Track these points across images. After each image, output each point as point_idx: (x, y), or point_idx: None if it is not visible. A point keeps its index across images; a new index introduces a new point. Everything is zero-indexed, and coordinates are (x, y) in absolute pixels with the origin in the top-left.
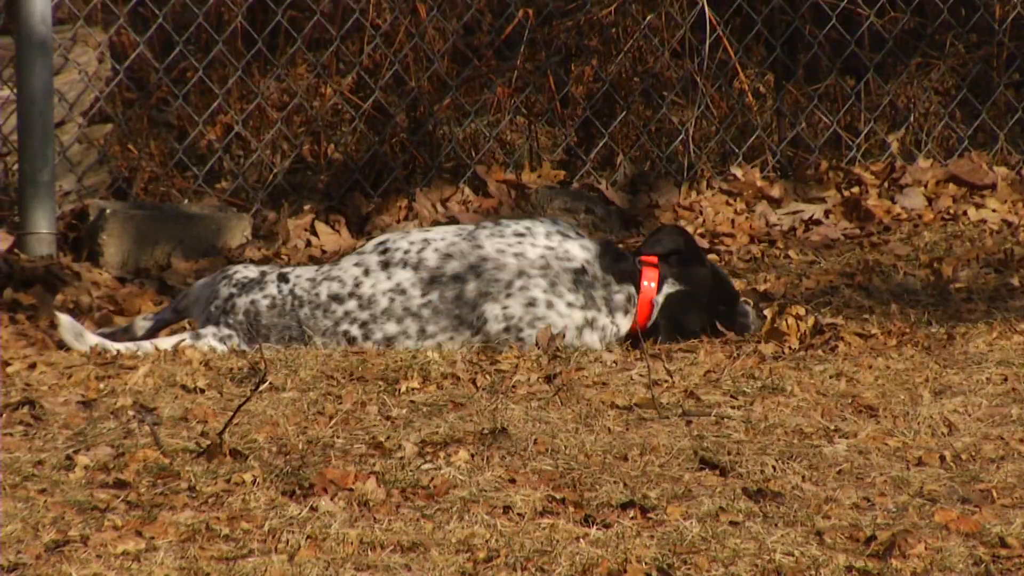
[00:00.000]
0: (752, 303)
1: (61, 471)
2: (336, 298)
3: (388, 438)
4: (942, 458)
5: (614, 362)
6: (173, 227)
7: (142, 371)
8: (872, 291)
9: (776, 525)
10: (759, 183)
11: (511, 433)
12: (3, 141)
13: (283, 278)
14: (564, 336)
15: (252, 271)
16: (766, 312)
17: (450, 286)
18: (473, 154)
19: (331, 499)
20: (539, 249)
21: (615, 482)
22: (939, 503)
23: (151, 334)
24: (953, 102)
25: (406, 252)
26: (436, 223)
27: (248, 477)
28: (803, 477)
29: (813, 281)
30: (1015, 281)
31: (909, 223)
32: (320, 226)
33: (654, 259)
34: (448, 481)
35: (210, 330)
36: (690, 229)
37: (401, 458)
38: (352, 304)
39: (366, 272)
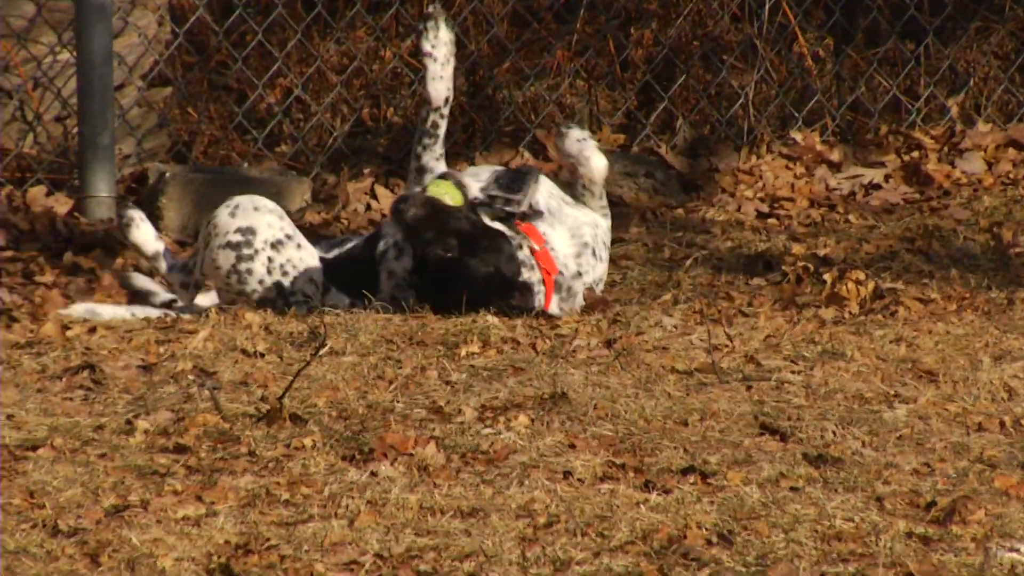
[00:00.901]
0: None
1: (121, 435)
2: None
3: (448, 403)
4: (1002, 423)
5: (674, 327)
6: (232, 191)
7: (202, 335)
8: (932, 256)
9: (836, 491)
10: (819, 147)
11: (571, 398)
12: (63, 105)
13: None
14: None
15: None
16: (826, 277)
17: None
18: (533, 118)
19: (391, 464)
20: None
21: (675, 447)
22: (999, 468)
23: None
24: (1013, 66)
25: None
26: None
27: (308, 442)
28: (863, 442)
29: (873, 246)
30: None
31: (969, 187)
32: (380, 190)
33: None
34: (508, 446)
35: None
36: (750, 193)
37: (461, 423)
38: None
39: None
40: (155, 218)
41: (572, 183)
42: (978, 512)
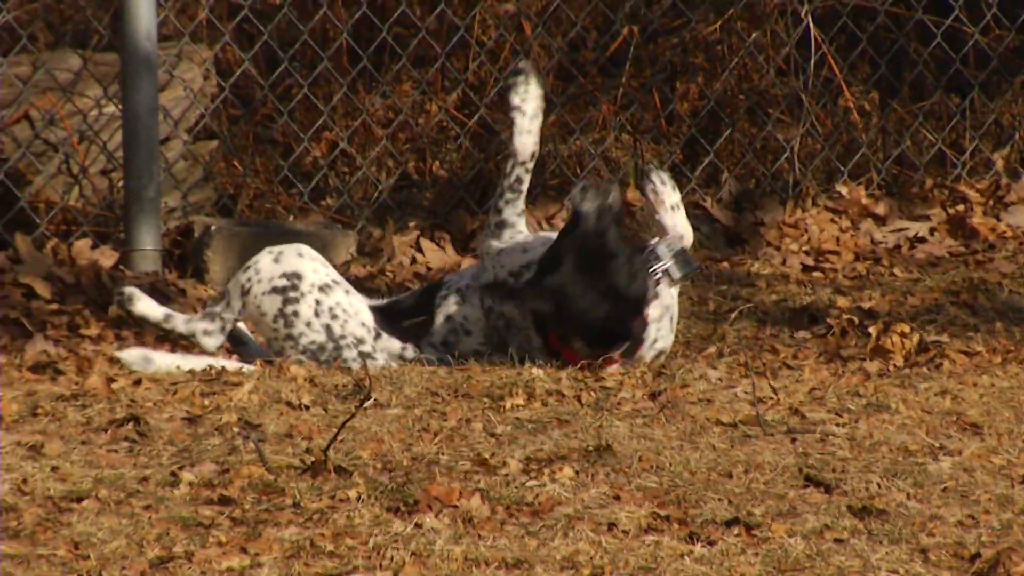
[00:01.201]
0: None
1: (166, 487)
2: None
3: (493, 455)
4: None
5: (719, 379)
6: (278, 244)
7: (247, 387)
8: (977, 309)
9: (881, 542)
10: (864, 201)
11: (616, 450)
12: (108, 158)
13: None
14: None
15: None
16: (871, 330)
17: None
18: (578, 171)
19: (436, 516)
20: None
21: (720, 499)
22: None
23: None
24: None
25: None
26: None
27: (353, 494)
28: (908, 495)
29: (918, 299)
30: None
31: (1014, 241)
32: (425, 243)
33: None
34: (553, 498)
35: None
36: (795, 246)
37: (506, 475)
38: None
39: None
40: (200, 271)
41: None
42: (1022, 564)
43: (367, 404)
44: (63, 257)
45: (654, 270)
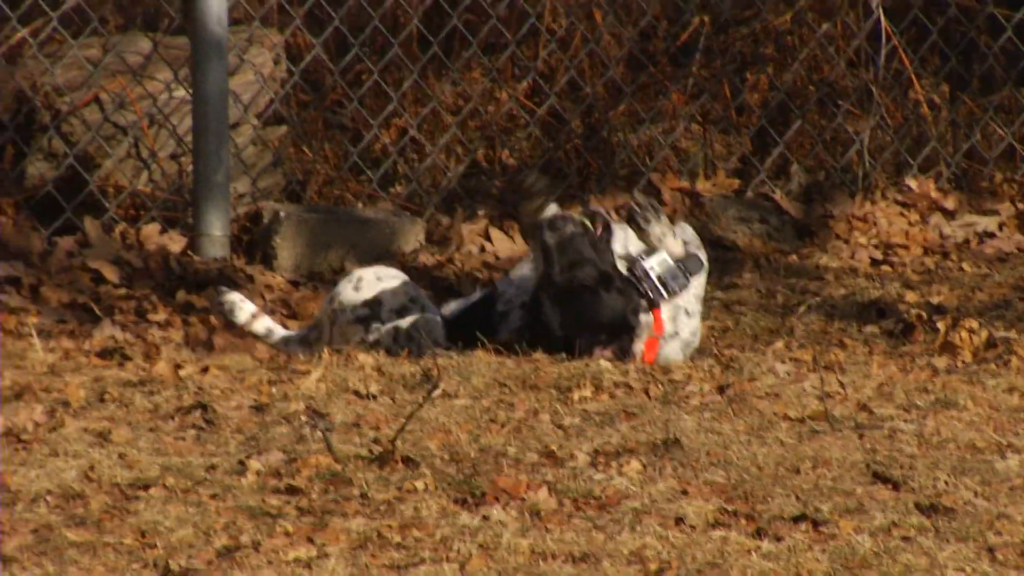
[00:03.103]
0: None
1: (233, 476)
2: None
3: (560, 447)
4: None
5: (787, 373)
6: (347, 231)
7: (315, 376)
8: None
9: (948, 540)
10: (933, 194)
11: (683, 444)
12: (178, 142)
13: None
14: None
15: None
16: (939, 325)
17: None
18: (647, 161)
19: (503, 508)
20: None
21: (787, 495)
22: None
23: None
24: None
25: None
26: None
27: (420, 485)
28: (975, 492)
29: (986, 294)
30: None
31: None
32: (494, 232)
33: None
34: (620, 491)
35: None
36: (864, 240)
37: (573, 467)
38: None
39: None
40: (269, 257)
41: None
42: None
43: (435, 394)
44: (131, 241)
45: (643, 290)
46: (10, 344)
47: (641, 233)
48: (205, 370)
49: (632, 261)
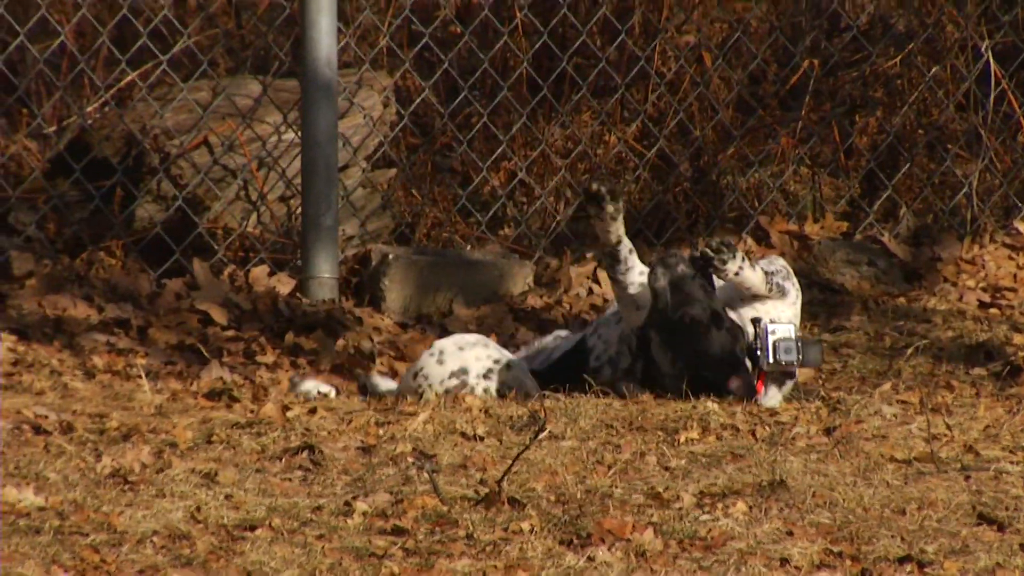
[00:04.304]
0: None
1: (339, 517)
2: None
3: (666, 488)
4: None
5: (894, 415)
6: (455, 273)
7: (422, 417)
8: None
9: None
10: None
11: (789, 485)
12: (287, 185)
13: None
14: None
15: None
16: None
17: None
18: (756, 204)
19: (608, 549)
20: None
21: (892, 536)
22: None
23: None
24: None
25: None
26: None
27: (526, 526)
28: None
29: None
30: None
31: None
32: (602, 274)
33: None
34: (726, 532)
35: None
36: (972, 283)
37: (679, 508)
38: None
39: None
40: (378, 299)
41: None
42: None
43: (542, 436)
44: (240, 284)
45: (755, 347)
46: (118, 385)
47: (720, 273)
48: (313, 411)
49: (756, 321)
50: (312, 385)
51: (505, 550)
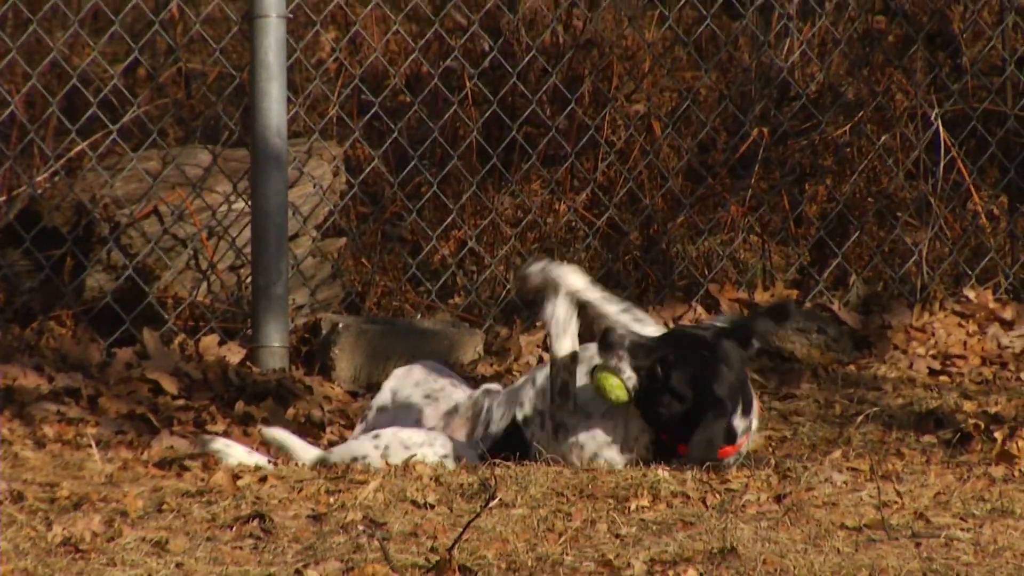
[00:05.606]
0: None
1: None
2: None
3: (617, 556)
4: None
5: (844, 483)
6: (406, 342)
7: (372, 485)
8: None
9: None
10: (992, 305)
11: (740, 553)
12: (237, 254)
13: None
14: None
15: None
16: (997, 435)
17: None
18: (706, 272)
19: None
20: None
21: None
22: None
23: None
24: None
25: None
26: None
27: None
28: None
29: None
30: None
31: None
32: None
33: None
34: None
35: None
36: (922, 350)
37: None
38: None
39: None
40: (328, 368)
41: None
42: None
43: (492, 504)
44: (190, 353)
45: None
46: (69, 454)
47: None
48: (263, 480)
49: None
50: (222, 444)
51: None
